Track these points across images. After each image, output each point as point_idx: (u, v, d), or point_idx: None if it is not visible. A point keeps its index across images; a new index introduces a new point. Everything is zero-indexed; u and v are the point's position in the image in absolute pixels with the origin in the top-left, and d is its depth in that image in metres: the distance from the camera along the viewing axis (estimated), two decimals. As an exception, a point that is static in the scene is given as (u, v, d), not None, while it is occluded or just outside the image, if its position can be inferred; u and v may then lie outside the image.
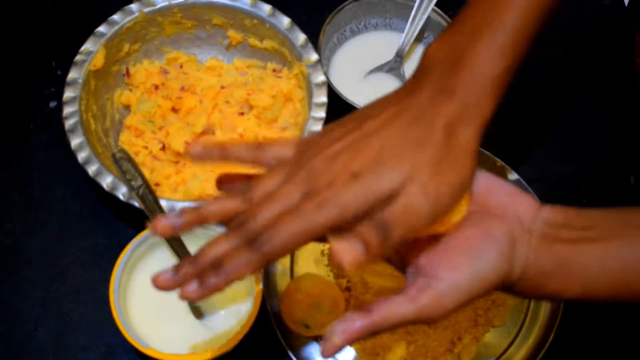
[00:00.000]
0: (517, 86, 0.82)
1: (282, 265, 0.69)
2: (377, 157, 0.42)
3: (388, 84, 0.80)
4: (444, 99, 0.44)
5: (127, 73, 0.76)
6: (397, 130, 0.43)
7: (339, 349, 0.44)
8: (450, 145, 0.43)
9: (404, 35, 0.80)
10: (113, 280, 0.62)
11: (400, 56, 0.80)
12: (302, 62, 0.73)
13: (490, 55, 0.46)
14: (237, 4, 0.75)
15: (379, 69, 0.80)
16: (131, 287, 0.65)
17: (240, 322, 0.62)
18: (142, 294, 0.65)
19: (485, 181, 0.47)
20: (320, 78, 0.72)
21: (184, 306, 0.65)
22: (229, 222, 0.44)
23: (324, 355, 0.44)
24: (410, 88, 0.46)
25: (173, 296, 0.66)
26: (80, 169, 0.66)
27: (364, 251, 0.42)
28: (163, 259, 0.66)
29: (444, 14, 0.79)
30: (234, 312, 0.65)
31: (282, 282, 0.69)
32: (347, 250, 0.42)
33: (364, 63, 0.81)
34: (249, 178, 0.47)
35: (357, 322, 0.44)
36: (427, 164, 0.42)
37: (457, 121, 0.44)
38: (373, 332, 0.44)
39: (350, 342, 0.44)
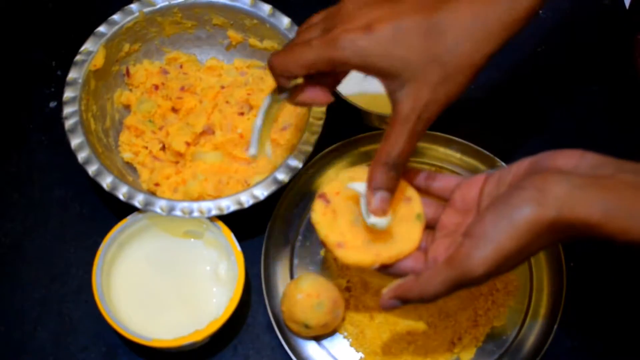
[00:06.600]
0: (517, 86, 0.83)
1: (282, 265, 0.70)
2: (393, 18, 0.49)
3: (388, 84, 0.79)
4: None
5: (127, 73, 0.76)
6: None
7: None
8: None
9: (404, 35, 0.80)
10: (95, 275, 0.62)
11: (400, 56, 0.80)
12: (302, 62, 0.73)
13: None
14: (237, 4, 0.75)
15: (379, 69, 0.80)
16: (114, 286, 0.65)
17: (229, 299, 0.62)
18: (125, 291, 0.65)
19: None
20: (320, 78, 0.72)
21: (169, 293, 0.65)
22: None
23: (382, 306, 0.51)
24: None
25: (158, 284, 0.66)
26: (80, 169, 0.66)
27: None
28: (142, 247, 0.66)
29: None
30: (223, 293, 0.65)
31: (282, 282, 0.69)
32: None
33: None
34: None
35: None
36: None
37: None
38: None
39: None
